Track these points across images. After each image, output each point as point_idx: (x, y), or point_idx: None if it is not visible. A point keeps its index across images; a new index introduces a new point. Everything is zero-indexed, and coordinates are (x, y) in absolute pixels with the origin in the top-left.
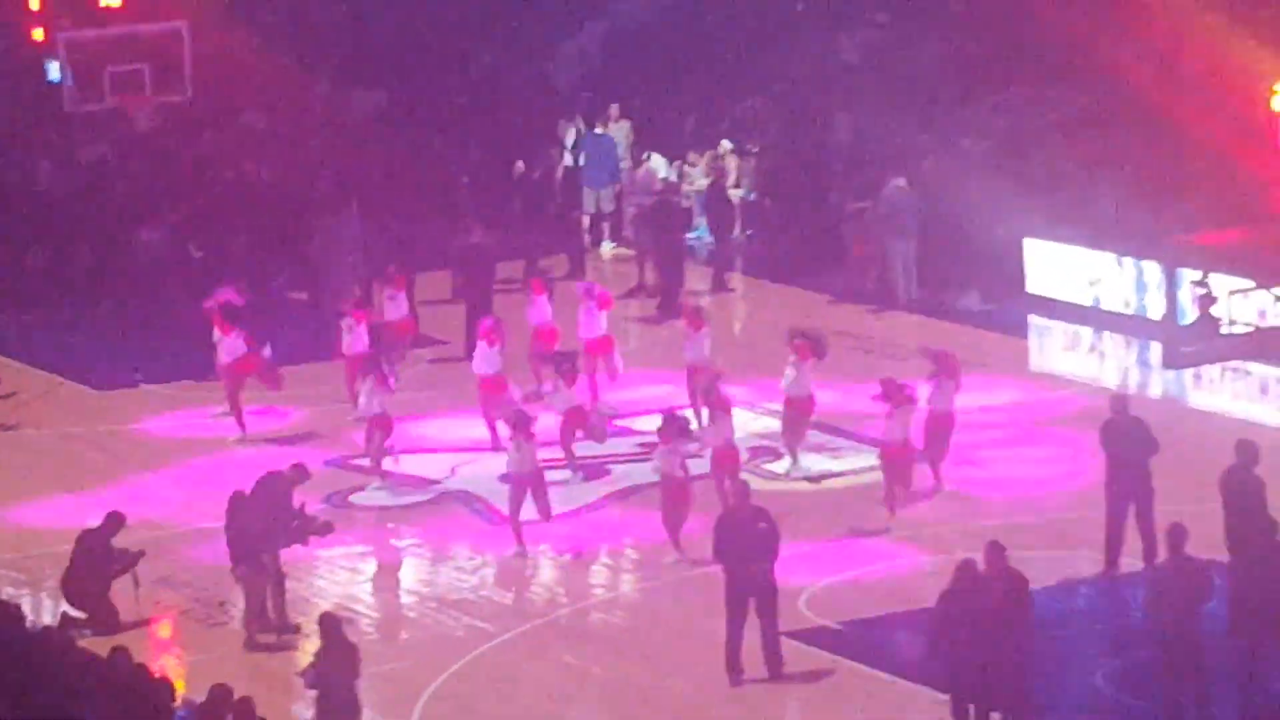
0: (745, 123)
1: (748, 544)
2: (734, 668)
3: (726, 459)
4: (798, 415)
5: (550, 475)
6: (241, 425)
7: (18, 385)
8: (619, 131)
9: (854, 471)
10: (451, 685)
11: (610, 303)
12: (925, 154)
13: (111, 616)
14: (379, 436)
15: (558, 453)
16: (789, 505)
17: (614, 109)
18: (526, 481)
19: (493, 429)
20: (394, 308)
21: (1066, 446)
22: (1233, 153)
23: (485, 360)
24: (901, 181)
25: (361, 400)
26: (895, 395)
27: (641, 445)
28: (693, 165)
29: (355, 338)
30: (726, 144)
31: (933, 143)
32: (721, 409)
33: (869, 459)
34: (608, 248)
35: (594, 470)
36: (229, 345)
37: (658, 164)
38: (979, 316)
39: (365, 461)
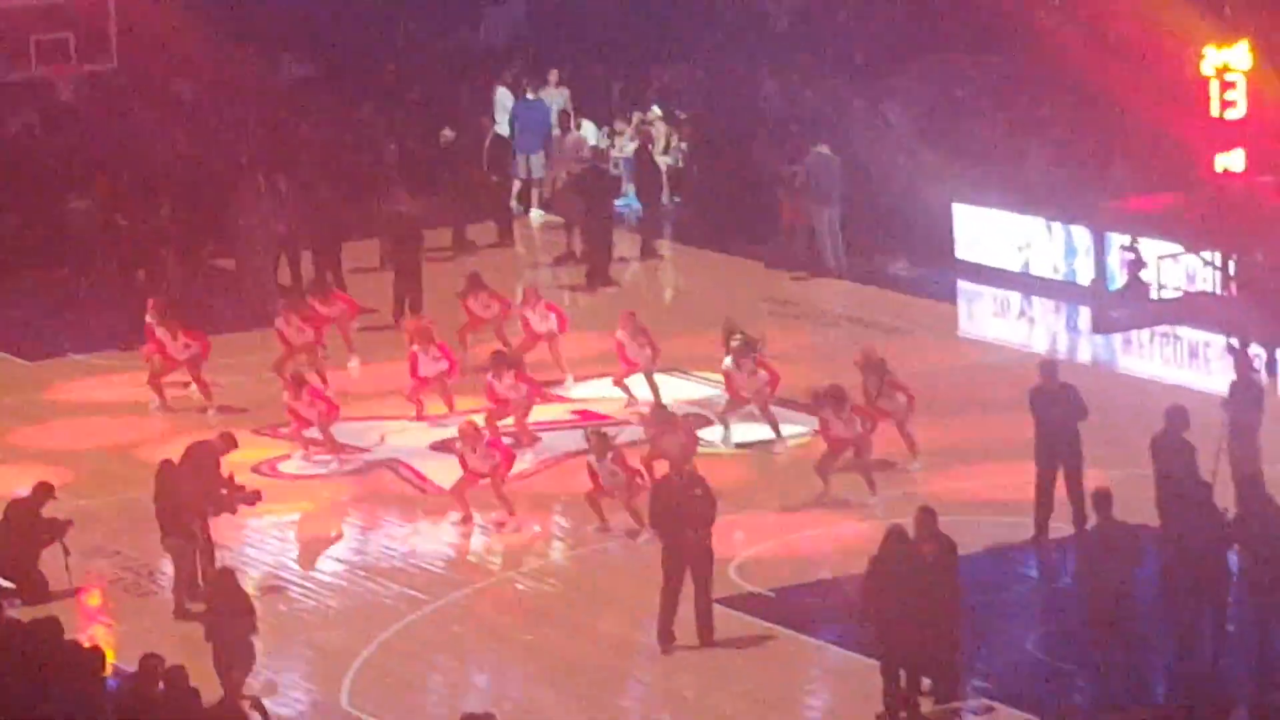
0: (673, 89)
1: (684, 511)
2: (665, 635)
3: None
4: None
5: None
6: (161, 395)
7: None
8: (558, 98)
9: (789, 439)
10: (382, 654)
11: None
12: (853, 120)
13: (41, 586)
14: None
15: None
16: (720, 473)
17: (553, 75)
18: (480, 476)
19: (419, 404)
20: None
21: (995, 412)
22: (1161, 117)
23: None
24: (824, 148)
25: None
26: (827, 400)
27: (573, 413)
28: (620, 133)
29: (299, 332)
30: (656, 110)
31: (861, 109)
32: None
33: (801, 427)
34: (537, 216)
35: (525, 438)
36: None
37: (587, 131)
38: (908, 282)
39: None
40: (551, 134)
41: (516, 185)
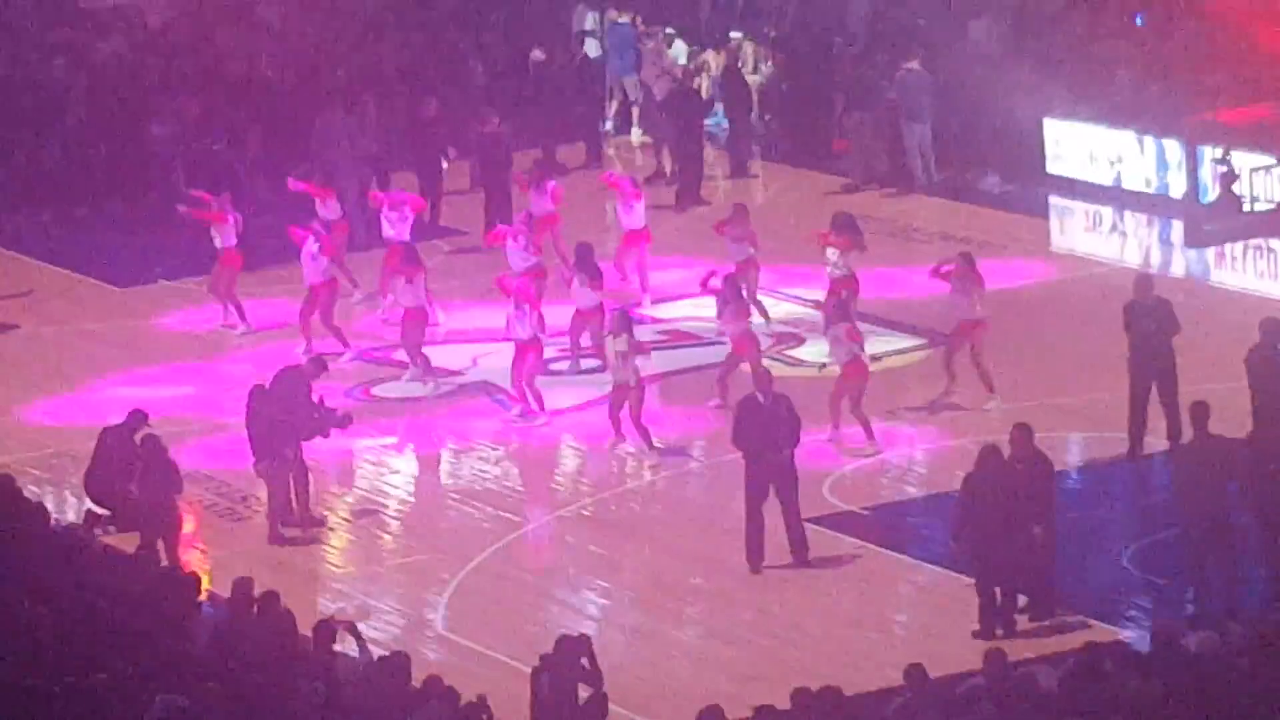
0: (761, 6)
1: (768, 431)
2: (754, 554)
3: (744, 347)
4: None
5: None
6: (243, 317)
7: (36, 284)
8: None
9: (884, 355)
10: (476, 577)
11: (639, 195)
12: (942, 34)
13: (136, 513)
14: (415, 329)
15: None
16: (815, 390)
17: None
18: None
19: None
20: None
21: (1089, 328)
22: (1253, 28)
23: (518, 257)
24: (915, 64)
25: (399, 291)
26: (965, 269)
27: (663, 333)
28: (705, 61)
29: (399, 226)
30: (736, 34)
31: (949, 23)
32: (734, 297)
33: (898, 343)
34: (637, 135)
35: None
36: (223, 231)
37: (678, 50)
38: (999, 198)
39: (403, 354)
40: (640, 53)
41: (612, 106)
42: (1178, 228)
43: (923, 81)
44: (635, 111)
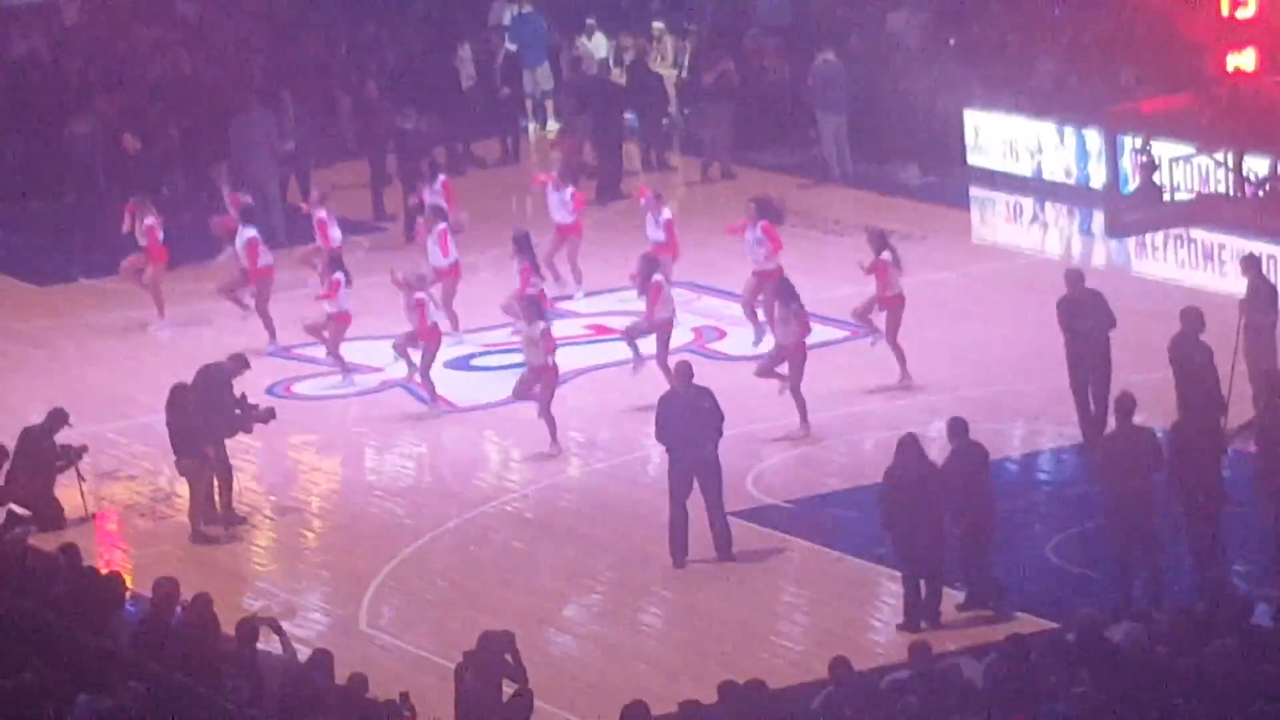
0: None
1: (690, 425)
2: (678, 549)
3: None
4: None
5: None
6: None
7: None
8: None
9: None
10: (400, 574)
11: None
12: (862, 25)
13: (56, 513)
14: (339, 331)
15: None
16: (737, 384)
17: None
18: (543, 372)
19: (451, 317)
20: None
21: (1009, 319)
22: (1172, 17)
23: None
24: (830, 55)
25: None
26: (883, 245)
27: (588, 328)
28: (625, 48)
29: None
30: (659, 25)
31: (869, 13)
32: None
33: (820, 335)
34: (554, 126)
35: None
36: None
37: (598, 43)
38: (919, 190)
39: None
40: (549, 45)
41: (528, 101)
42: (1098, 218)
43: (837, 72)
44: (549, 103)
